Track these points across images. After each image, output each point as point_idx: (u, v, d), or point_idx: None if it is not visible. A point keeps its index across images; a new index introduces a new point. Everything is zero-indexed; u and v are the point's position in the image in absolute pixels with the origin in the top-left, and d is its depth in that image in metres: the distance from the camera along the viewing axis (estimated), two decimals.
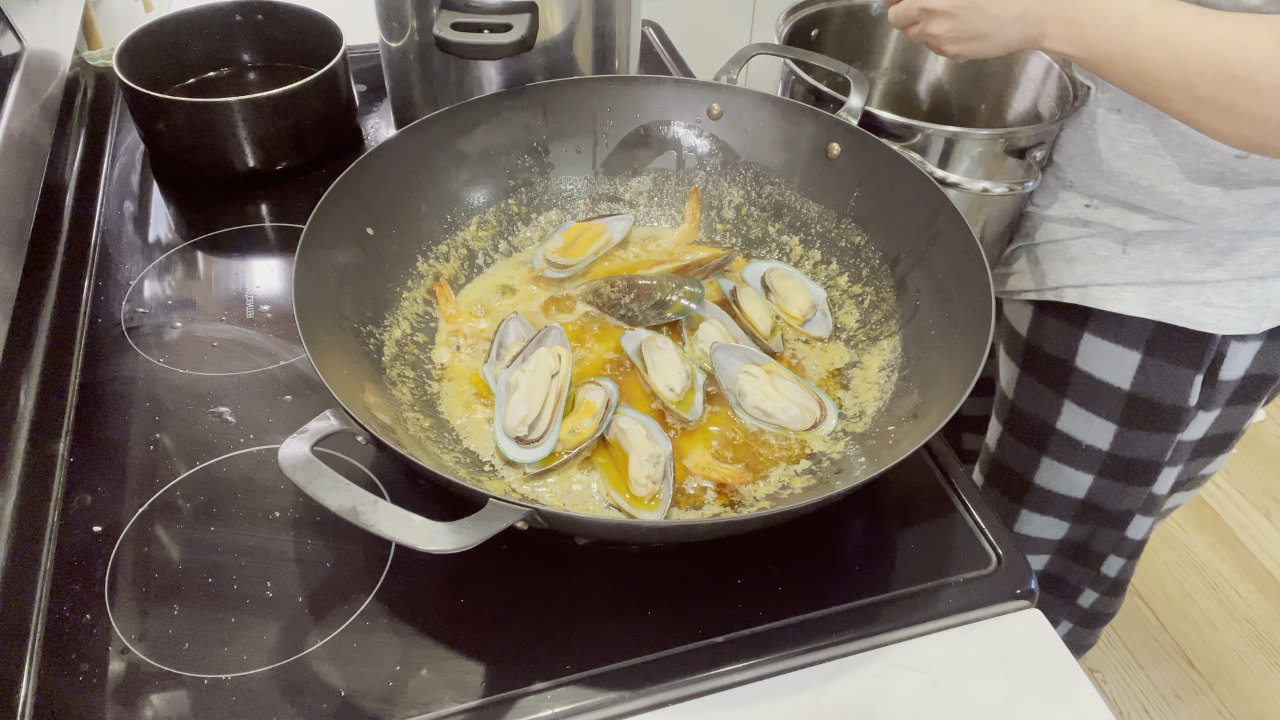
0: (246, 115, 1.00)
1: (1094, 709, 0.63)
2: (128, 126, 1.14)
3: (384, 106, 1.19)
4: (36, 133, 0.94)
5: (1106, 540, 1.02)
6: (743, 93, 0.93)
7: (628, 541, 0.71)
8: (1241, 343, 0.86)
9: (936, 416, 0.64)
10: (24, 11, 0.99)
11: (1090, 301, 0.89)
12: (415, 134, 0.86)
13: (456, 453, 0.73)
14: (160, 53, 1.10)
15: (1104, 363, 0.91)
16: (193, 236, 0.98)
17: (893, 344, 0.81)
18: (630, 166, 0.97)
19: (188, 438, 0.77)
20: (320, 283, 0.74)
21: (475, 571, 0.68)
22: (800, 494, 0.71)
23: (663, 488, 0.70)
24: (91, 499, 0.72)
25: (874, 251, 0.87)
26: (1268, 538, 1.97)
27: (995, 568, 0.70)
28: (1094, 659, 1.77)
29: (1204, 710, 1.70)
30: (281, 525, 0.71)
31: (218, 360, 0.84)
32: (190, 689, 0.61)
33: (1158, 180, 0.82)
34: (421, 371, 0.80)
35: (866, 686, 0.64)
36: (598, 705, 0.61)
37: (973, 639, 0.67)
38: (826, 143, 0.89)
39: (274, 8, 1.14)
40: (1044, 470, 1.00)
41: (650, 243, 0.95)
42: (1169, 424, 0.91)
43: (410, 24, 0.93)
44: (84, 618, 0.64)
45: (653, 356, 0.79)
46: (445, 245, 0.89)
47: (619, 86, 0.94)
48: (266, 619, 0.65)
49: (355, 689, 0.61)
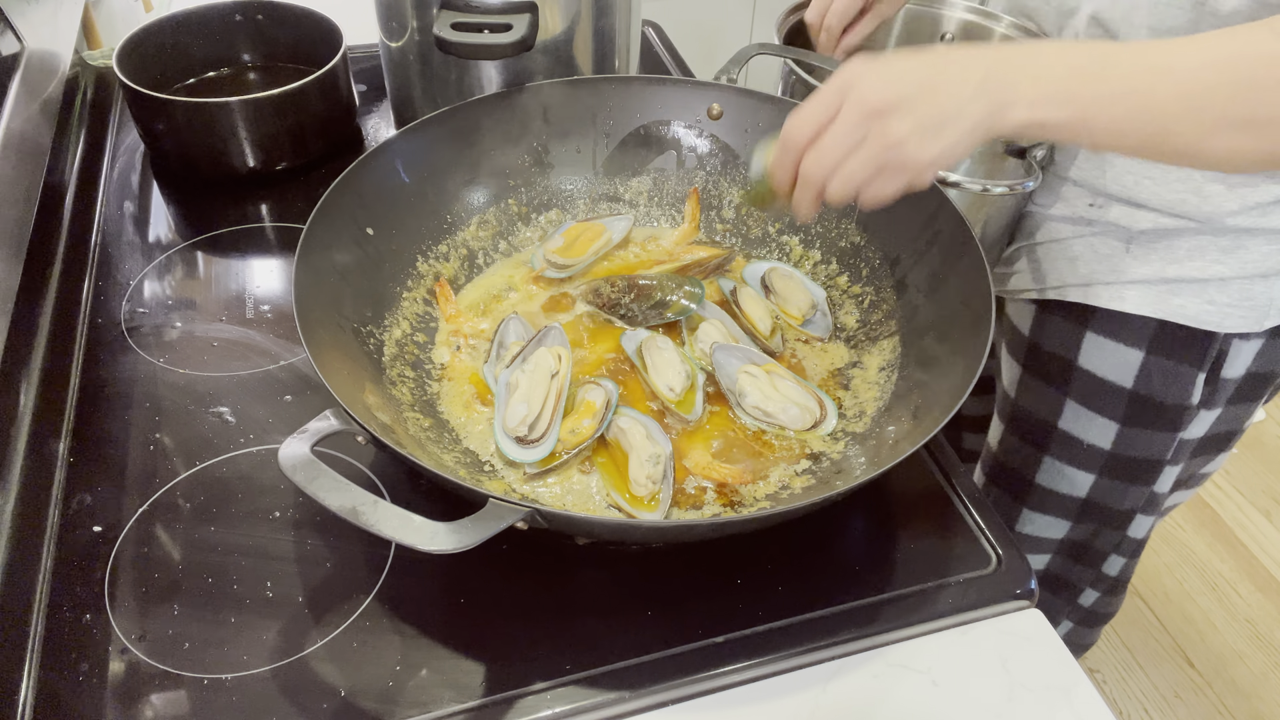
0: (246, 115, 1.00)
1: (1094, 709, 0.63)
2: (128, 126, 1.14)
3: (384, 106, 1.19)
4: (36, 133, 0.94)
5: (1108, 539, 1.02)
6: (743, 93, 0.93)
7: (628, 541, 0.71)
8: (1244, 341, 0.86)
9: (936, 416, 0.64)
10: (24, 11, 0.99)
11: (1093, 300, 0.89)
12: (415, 134, 0.86)
13: (456, 453, 0.73)
14: (160, 53, 1.10)
15: (1106, 361, 0.91)
16: (193, 236, 0.98)
17: (893, 344, 0.81)
18: (630, 166, 0.97)
19: (188, 438, 0.77)
20: (320, 283, 0.74)
21: (475, 571, 0.68)
22: (800, 494, 0.71)
23: (663, 488, 0.70)
24: (91, 499, 0.72)
25: (874, 251, 0.87)
26: (1268, 538, 1.97)
27: (995, 568, 0.70)
28: (1094, 659, 1.77)
29: (1204, 710, 1.70)
30: (281, 525, 0.71)
31: (218, 360, 0.84)
32: (190, 689, 0.61)
33: (1161, 178, 0.82)
34: (421, 371, 0.80)
35: (866, 686, 0.64)
36: (598, 705, 0.61)
37: (973, 639, 0.66)
38: None
39: (274, 8, 1.14)
40: (1045, 469, 1.00)
41: (650, 243, 0.95)
42: (1171, 422, 0.91)
43: (410, 24, 0.93)
44: (84, 618, 0.64)
45: (653, 356, 0.79)
46: (445, 245, 0.89)
47: (619, 86, 0.94)
48: (266, 619, 0.65)
49: (355, 689, 0.61)
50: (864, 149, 0.62)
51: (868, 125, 0.61)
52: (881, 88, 0.61)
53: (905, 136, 0.61)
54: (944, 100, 0.61)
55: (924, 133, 0.61)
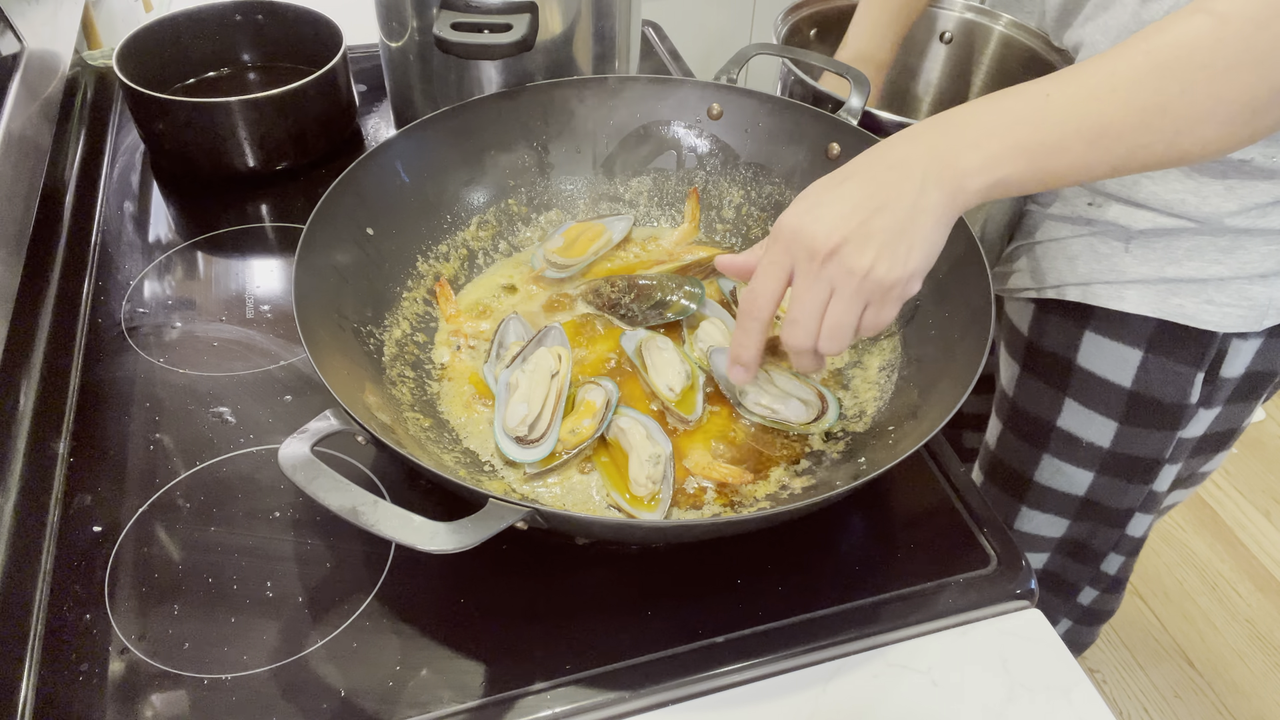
0: (246, 115, 1.00)
1: (1094, 709, 0.63)
2: (128, 126, 1.14)
3: (384, 106, 1.19)
4: (36, 133, 0.94)
5: (1106, 538, 1.02)
6: (743, 93, 0.93)
7: (628, 541, 0.71)
8: (1243, 340, 0.86)
9: (936, 416, 0.64)
10: (24, 11, 0.99)
11: (1092, 299, 0.89)
12: (415, 134, 0.86)
13: (456, 453, 0.73)
14: (160, 53, 1.10)
15: (1105, 360, 0.91)
16: (193, 236, 0.98)
17: (893, 344, 0.81)
18: (630, 166, 0.97)
19: (188, 438, 0.77)
20: (320, 283, 0.74)
21: (475, 571, 0.68)
22: (800, 494, 0.71)
23: (663, 488, 0.70)
24: (91, 499, 0.72)
25: None
26: (1268, 538, 1.97)
27: (995, 567, 0.70)
28: (1094, 659, 1.77)
29: (1204, 710, 1.70)
30: (281, 525, 0.71)
31: (218, 360, 0.84)
32: (190, 689, 0.61)
33: (1160, 178, 0.82)
34: (421, 371, 0.80)
35: (866, 686, 0.64)
36: (598, 705, 0.61)
37: (973, 639, 0.67)
38: (826, 143, 0.89)
39: (274, 8, 1.14)
40: (1044, 468, 1.00)
41: (650, 243, 0.95)
42: (1170, 421, 0.91)
43: (410, 24, 0.93)
44: (84, 618, 0.64)
45: (652, 356, 0.79)
46: (445, 245, 0.89)
47: (619, 86, 0.94)
48: (266, 619, 0.65)
49: (355, 689, 0.61)
50: (837, 297, 0.59)
51: (828, 272, 0.58)
52: (825, 230, 0.58)
53: (872, 264, 0.58)
54: (894, 210, 0.57)
55: (890, 251, 0.57)
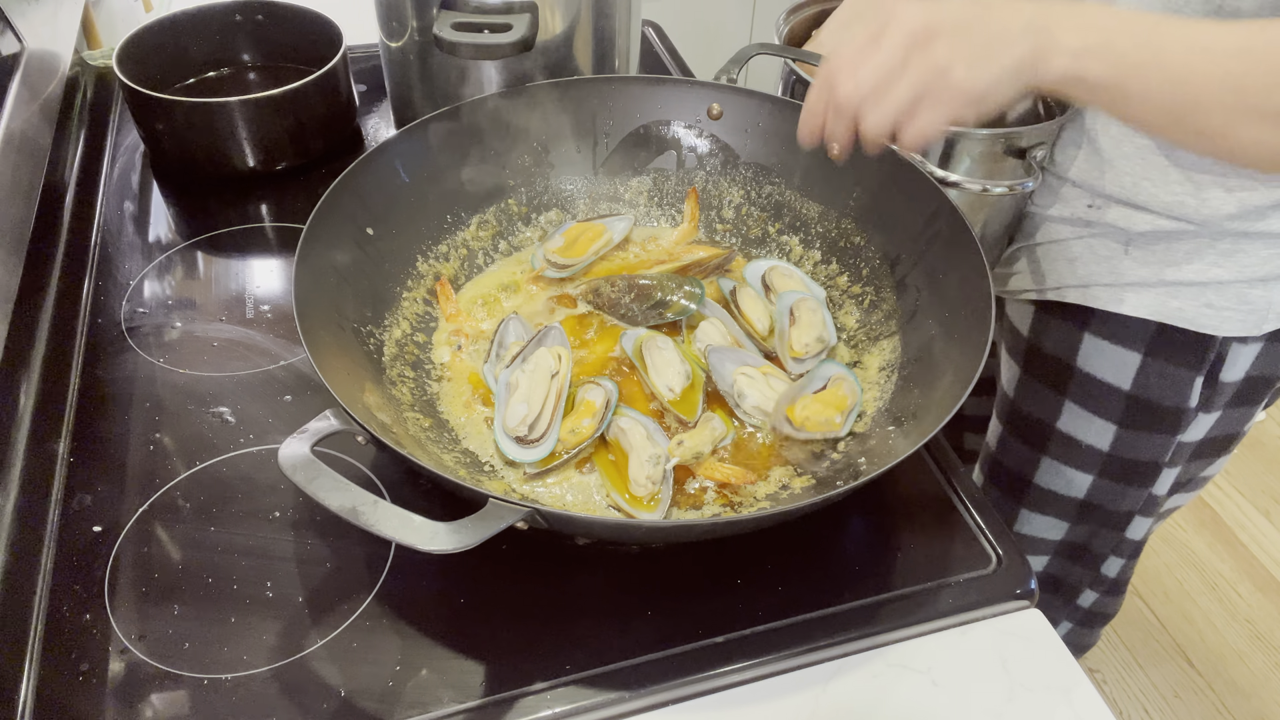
0: (246, 115, 1.00)
1: (1094, 709, 0.63)
2: (128, 126, 1.14)
3: (384, 106, 1.19)
4: (36, 133, 0.94)
5: (1106, 541, 1.02)
6: (743, 93, 0.93)
7: (627, 541, 0.71)
8: (1242, 345, 0.86)
9: (937, 416, 0.64)
10: (24, 11, 0.98)
11: (1092, 302, 0.89)
12: (415, 134, 0.86)
13: (456, 453, 0.73)
14: (160, 53, 1.10)
15: (1105, 363, 0.91)
16: (193, 236, 0.98)
17: (893, 344, 0.81)
18: (630, 166, 0.97)
19: (188, 438, 0.77)
20: (320, 283, 0.74)
21: (475, 571, 0.68)
22: (800, 494, 0.71)
23: (663, 488, 0.70)
24: (91, 499, 0.72)
25: (874, 251, 0.87)
26: (1268, 538, 1.97)
27: (995, 568, 0.70)
28: (1094, 659, 1.77)
29: (1204, 710, 1.70)
30: (281, 525, 0.71)
31: (218, 360, 0.84)
32: (190, 689, 0.61)
33: (1160, 180, 0.82)
34: (421, 371, 0.80)
35: (866, 686, 0.64)
36: (598, 705, 0.61)
37: (973, 639, 0.67)
38: None
39: (274, 8, 1.14)
40: (1044, 470, 1.00)
41: (650, 243, 0.95)
42: (1169, 425, 0.91)
43: (410, 24, 0.93)
44: (84, 618, 0.64)
45: (652, 356, 0.79)
46: (445, 245, 0.89)
47: (619, 86, 0.94)
48: (266, 619, 0.65)
49: (355, 689, 0.61)
50: (906, 74, 0.59)
51: (911, 50, 0.58)
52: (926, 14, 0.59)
53: (952, 62, 0.58)
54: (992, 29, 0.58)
55: (972, 59, 0.58)
